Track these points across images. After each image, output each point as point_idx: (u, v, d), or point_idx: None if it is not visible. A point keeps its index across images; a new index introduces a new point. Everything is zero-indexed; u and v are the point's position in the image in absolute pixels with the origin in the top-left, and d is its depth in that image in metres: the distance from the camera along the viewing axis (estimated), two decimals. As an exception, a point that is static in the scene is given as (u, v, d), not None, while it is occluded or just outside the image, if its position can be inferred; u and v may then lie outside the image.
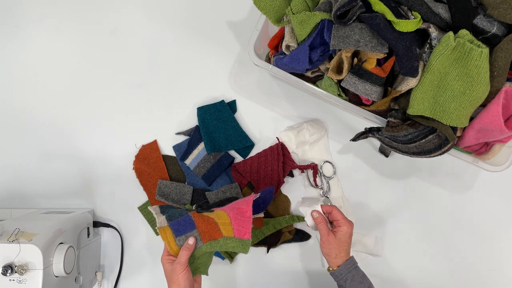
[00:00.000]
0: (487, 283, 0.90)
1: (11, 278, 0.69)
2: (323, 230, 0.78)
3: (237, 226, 0.73)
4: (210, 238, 0.75)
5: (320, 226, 0.78)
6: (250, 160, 0.92)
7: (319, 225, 0.79)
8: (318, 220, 0.79)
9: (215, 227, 0.75)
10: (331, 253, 0.76)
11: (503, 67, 0.67)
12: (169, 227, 0.74)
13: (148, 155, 0.95)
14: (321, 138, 0.93)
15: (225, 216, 0.74)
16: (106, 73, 0.99)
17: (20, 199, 0.98)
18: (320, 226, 0.78)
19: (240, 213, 0.74)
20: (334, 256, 0.76)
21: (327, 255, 0.77)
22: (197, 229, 0.75)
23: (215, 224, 0.75)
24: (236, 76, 0.97)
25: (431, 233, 0.91)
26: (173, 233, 0.74)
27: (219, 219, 0.75)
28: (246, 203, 0.75)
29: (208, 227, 0.75)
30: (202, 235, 0.75)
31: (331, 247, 0.76)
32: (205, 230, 0.75)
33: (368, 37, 0.69)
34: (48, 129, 0.99)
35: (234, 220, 0.74)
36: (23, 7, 1.02)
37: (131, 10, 1.01)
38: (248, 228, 0.73)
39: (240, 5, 0.98)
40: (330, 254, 0.76)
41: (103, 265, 0.95)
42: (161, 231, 0.74)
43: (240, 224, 0.73)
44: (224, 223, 0.74)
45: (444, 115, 0.69)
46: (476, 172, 0.92)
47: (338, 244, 0.76)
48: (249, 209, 0.73)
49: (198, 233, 0.75)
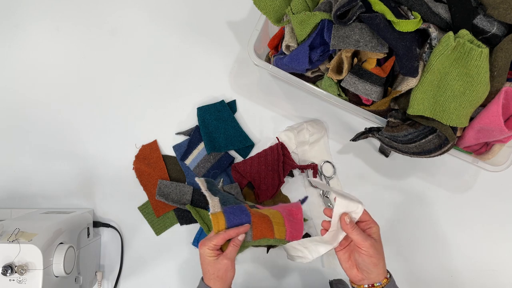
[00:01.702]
0: (487, 283, 0.90)
1: (11, 278, 0.69)
2: (360, 236, 0.61)
3: (290, 228, 0.68)
4: (261, 236, 0.67)
5: (355, 233, 0.62)
6: (250, 160, 0.92)
7: (353, 231, 0.62)
8: (351, 226, 0.62)
9: (269, 226, 0.68)
10: (379, 262, 0.61)
11: (503, 67, 0.67)
12: (222, 214, 0.67)
13: (148, 155, 0.95)
14: (321, 138, 0.93)
15: (279, 216, 0.69)
16: (106, 73, 0.99)
17: (20, 199, 0.98)
18: (355, 232, 0.62)
19: (291, 214, 0.70)
20: (382, 265, 0.61)
21: (376, 267, 0.60)
22: (251, 223, 0.67)
23: (270, 222, 0.68)
24: (236, 76, 0.97)
25: (431, 233, 0.91)
26: (226, 221, 0.66)
27: (273, 218, 0.69)
28: (296, 205, 0.70)
29: (263, 224, 0.68)
30: (254, 231, 0.67)
31: (378, 253, 0.61)
32: (259, 226, 0.68)
33: (368, 37, 0.69)
34: (48, 129, 0.99)
35: (288, 222, 0.69)
36: (23, 7, 1.02)
37: (131, 10, 1.01)
38: (300, 231, 0.68)
39: (240, 5, 0.98)
40: (378, 264, 0.60)
41: (103, 265, 0.95)
42: (214, 217, 0.66)
43: (293, 226, 0.68)
44: (278, 223, 0.68)
45: (444, 115, 0.69)
46: (476, 172, 0.92)
47: (381, 248, 0.62)
48: (300, 211, 0.70)
49: (251, 228, 0.67)
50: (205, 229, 0.90)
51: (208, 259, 0.66)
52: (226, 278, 0.66)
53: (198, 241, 0.93)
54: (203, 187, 0.70)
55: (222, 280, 0.66)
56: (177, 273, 0.93)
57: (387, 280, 0.61)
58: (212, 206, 0.67)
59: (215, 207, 0.68)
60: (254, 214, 0.69)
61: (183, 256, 0.94)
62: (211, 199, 0.68)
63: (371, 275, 0.61)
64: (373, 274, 0.61)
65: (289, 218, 0.70)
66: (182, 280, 0.93)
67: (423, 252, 0.91)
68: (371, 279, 0.61)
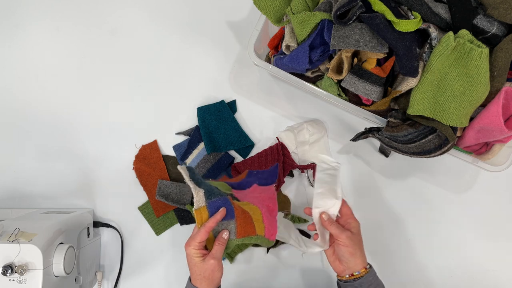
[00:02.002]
0: (487, 283, 0.90)
1: (11, 278, 0.69)
2: (337, 229, 0.67)
3: (268, 225, 0.68)
4: (245, 233, 0.67)
5: (333, 227, 0.68)
6: (250, 160, 0.92)
7: (330, 226, 0.68)
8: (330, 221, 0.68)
9: (250, 223, 0.68)
10: (356, 252, 0.66)
11: (503, 67, 0.67)
12: (206, 209, 0.66)
13: (148, 155, 0.95)
14: (321, 138, 0.93)
15: (258, 212, 0.69)
16: (106, 73, 0.99)
17: (20, 199, 0.98)
18: (332, 227, 0.68)
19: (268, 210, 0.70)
20: (359, 253, 0.66)
21: (352, 256, 0.66)
22: (235, 219, 0.67)
23: (250, 219, 0.68)
24: (236, 76, 0.97)
25: (431, 233, 0.91)
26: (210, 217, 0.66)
27: (253, 214, 0.68)
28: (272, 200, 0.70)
29: (245, 221, 0.67)
30: (238, 229, 0.67)
31: (354, 244, 0.66)
32: (242, 223, 0.67)
33: (368, 37, 0.69)
34: (48, 129, 0.99)
35: (266, 218, 0.69)
36: (23, 7, 1.02)
37: (131, 10, 1.01)
38: (274, 229, 0.68)
39: (240, 5, 0.98)
40: (355, 254, 0.66)
41: (103, 265, 0.95)
42: (197, 213, 0.65)
43: (270, 223, 0.68)
44: (257, 220, 0.68)
45: (444, 115, 0.69)
46: (476, 172, 0.92)
47: (359, 240, 0.68)
48: (275, 208, 0.70)
49: (235, 224, 0.67)
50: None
51: (195, 259, 0.66)
52: (213, 278, 0.65)
53: (198, 241, 0.93)
54: (186, 176, 0.68)
55: (209, 281, 0.65)
56: (177, 273, 0.93)
57: (365, 270, 0.66)
58: (196, 201, 0.66)
59: (200, 201, 0.66)
60: (238, 209, 0.68)
61: (183, 256, 0.92)
62: (195, 191, 0.67)
63: (350, 265, 0.66)
64: (351, 263, 0.66)
65: (267, 214, 0.69)
66: (182, 280, 0.93)
67: (423, 252, 0.91)
68: (351, 269, 0.66)
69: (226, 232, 0.67)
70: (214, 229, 0.67)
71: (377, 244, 0.91)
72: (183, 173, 0.69)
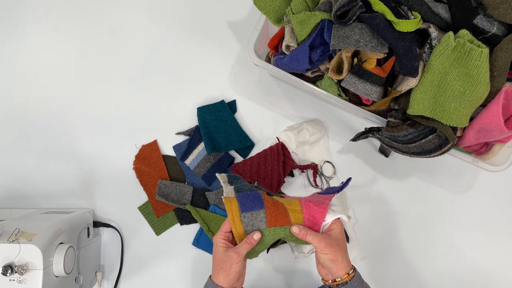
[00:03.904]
0: (487, 283, 0.90)
1: (11, 278, 0.69)
2: (315, 237, 0.64)
3: (308, 215, 0.67)
4: (276, 223, 0.66)
5: (309, 238, 0.65)
6: (250, 160, 0.92)
7: (307, 236, 0.65)
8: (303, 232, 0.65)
9: (284, 212, 0.67)
10: (337, 258, 0.64)
11: (503, 67, 0.67)
12: (236, 199, 0.67)
13: (148, 155, 0.95)
14: (321, 138, 0.93)
15: (296, 203, 0.68)
16: (106, 73, 0.99)
17: (20, 199, 0.98)
18: (309, 237, 0.65)
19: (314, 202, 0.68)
20: (341, 259, 0.64)
21: (333, 262, 0.64)
22: (265, 209, 0.66)
23: (284, 209, 0.67)
24: (236, 76, 0.97)
25: (431, 233, 0.91)
26: (240, 206, 0.66)
27: (289, 205, 0.67)
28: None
29: (276, 210, 0.66)
30: (268, 218, 0.66)
31: (335, 250, 0.64)
32: (273, 212, 0.66)
33: (368, 37, 0.69)
34: (48, 129, 0.99)
35: (306, 208, 0.67)
36: (23, 7, 1.02)
37: (131, 10, 1.01)
38: (320, 219, 0.66)
39: (240, 5, 0.98)
40: (336, 260, 0.63)
41: (103, 265, 0.95)
42: (227, 201, 0.67)
43: (311, 213, 0.66)
44: (294, 210, 0.67)
45: (444, 115, 0.69)
46: (476, 172, 0.92)
47: (339, 245, 0.65)
48: (327, 201, 0.68)
49: (265, 213, 0.66)
50: (205, 229, 0.90)
51: (218, 248, 0.66)
52: (230, 271, 0.64)
53: (198, 241, 0.93)
54: (222, 179, 0.71)
55: (226, 273, 0.64)
56: (177, 273, 0.93)
57: (348, 276, 0.64)
58: (225, 192, 0.68)
59: (228, 192, 0.68)
60: (268, 200, 0.68)
61: (183, 256, 0.94)
62: (224, 186, 0.69)
63: (332, 270, 0.65)
64: (333, 269, 0.64)
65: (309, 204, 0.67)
66: (182, 280, 0.93)
67: (423, 252, 0.91)
68: (333, 274, 0.65)
69: (258, 233, 0.66)
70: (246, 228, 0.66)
71: (376, 244, 0.91)
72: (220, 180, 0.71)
